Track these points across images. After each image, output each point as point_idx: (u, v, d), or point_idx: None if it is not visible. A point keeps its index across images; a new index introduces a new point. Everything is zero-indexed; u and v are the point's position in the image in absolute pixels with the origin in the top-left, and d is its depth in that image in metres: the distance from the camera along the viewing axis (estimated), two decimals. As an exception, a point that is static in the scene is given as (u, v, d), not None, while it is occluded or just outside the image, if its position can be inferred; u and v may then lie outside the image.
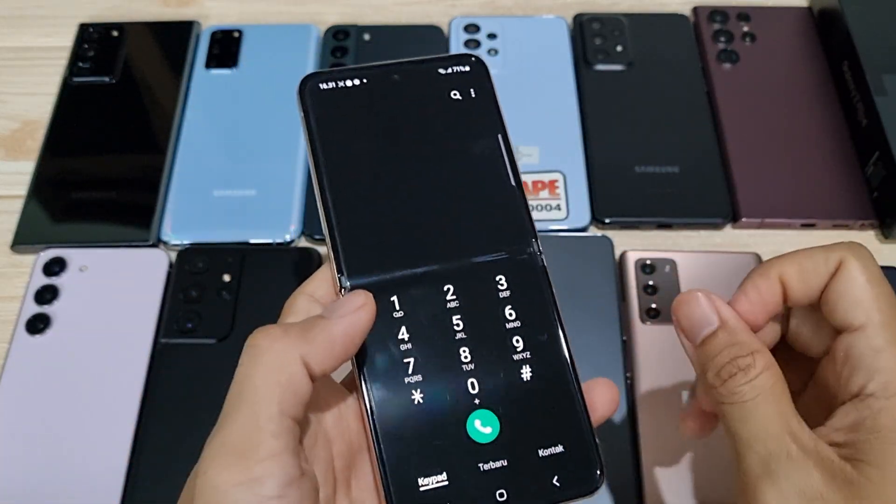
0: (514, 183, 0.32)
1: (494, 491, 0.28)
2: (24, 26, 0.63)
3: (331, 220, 0.31)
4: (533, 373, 0.30)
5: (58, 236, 0.52)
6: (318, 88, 0.32)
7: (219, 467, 0.25)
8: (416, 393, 0.29)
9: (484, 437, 0.29)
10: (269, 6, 0.64)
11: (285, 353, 0.26)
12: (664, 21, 0.62)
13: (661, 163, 0.54)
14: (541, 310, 0.31)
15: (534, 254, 0.32)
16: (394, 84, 0.33)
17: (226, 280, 0.49)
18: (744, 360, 0.29)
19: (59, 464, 0.43)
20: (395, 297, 0.30)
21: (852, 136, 0.55)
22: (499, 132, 0.33)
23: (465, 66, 0.34)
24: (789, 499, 0.27)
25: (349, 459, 0.30)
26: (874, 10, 0.58)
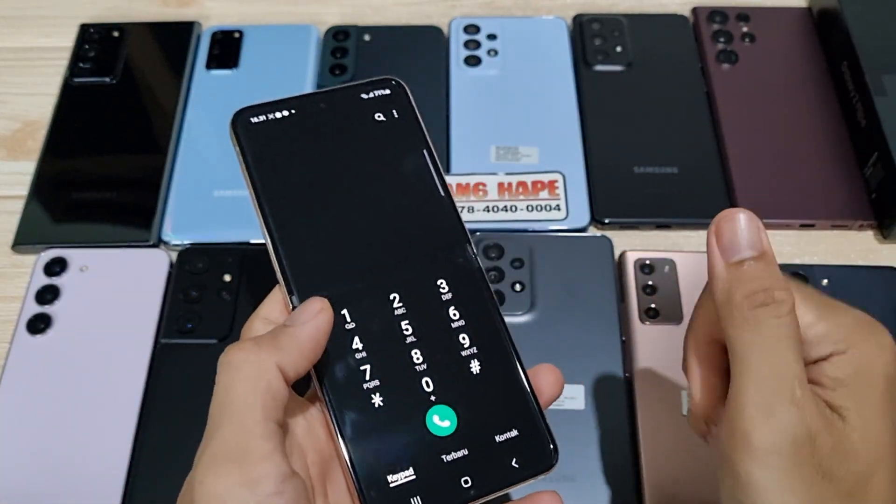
0: (444, 193, 0.34)
1: (459, 479, 0.30)
2: (25, 27, 0.63)
3: (276, 246, 0.32)
4: (481, 366, 0.32)
5: (58, 236, 0.52)
6: (249, 122, 0.34)
7: (217, 475, 0.26)
8: (375, 397, 0.31)
9: (443, 431, 0.31)
10: (269, 7, 0.64)
11: (261, 364, 0.28)
12: (664, 21, 0.62)
13: (661, 163, 0.54)
14: (482, 307, 0.33)
15: (469, 256, 0.34)
16: (321, 112, 0.35)
17: (226, 280, 0.49)
18: (780, 294, 0.28)
19: (59, 464, 0.44)
20: (345, 311, 0.32)
21: (851, 136, 0.55)
22: (423, 147, 0.35)
23: (385, 89, 0.36)
24: (782, 440, 0.27)
25: (322, 468, 0.31)
26: (874, 10, 0.58)
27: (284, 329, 0.30)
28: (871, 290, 0.49)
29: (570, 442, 0.44)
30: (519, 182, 0.53)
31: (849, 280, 0.49)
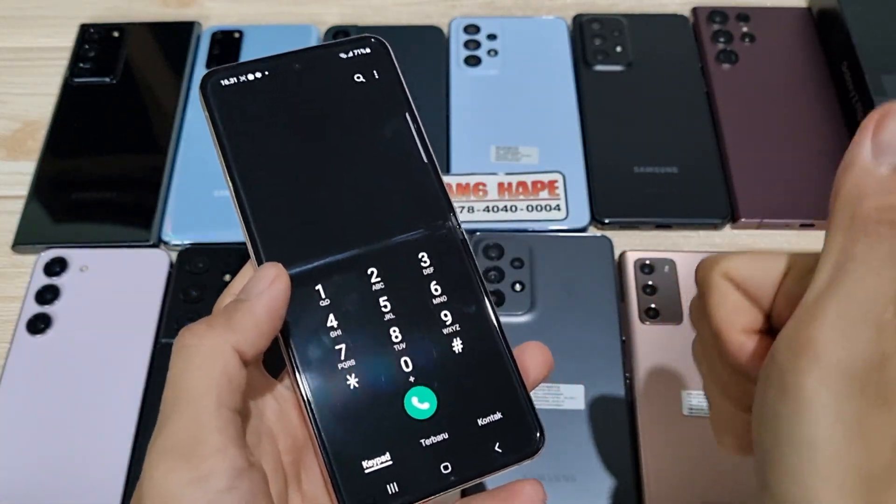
0: (427, 160, 0.32)
1: (439, 465, 0.29)
2: (25, 27, 0.63)
3: (246, 216, 0.31)
4: (464, 345, 0.30)
5: (59, 236, 0.52)
6: (219, 85, 0.32)
7: (165, 470, 0.25)
8: (350, 378, 0.29)
9: (422, 413, 0.29)
10: (269, 7, 0.64)
11: (215, 347, 0.26)
12: (663, 21, 0.62)
13: (661, 163, 0.54)
14: (465, 282, 0.31)
15: (452, 228, 0.32)
16: (296, 73, 0.32)
17: (226, 280, 0.49)
18: None
19: (59, 464, 0.44)
20: (319, 286, 0.30)
21: (851, 136, 0.55)
22: (406, 111, 0.33)
23: (365, 48, 0.33)
24: (853, 360, 0.24)
25: (296, 454, 0.30)
26: (874, 10, 0.58)
27: (238, 305, 0.28)
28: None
29: (569, 442, 0.44)
30: (519, 182, 0.53)
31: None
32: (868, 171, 0.26)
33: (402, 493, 0.28)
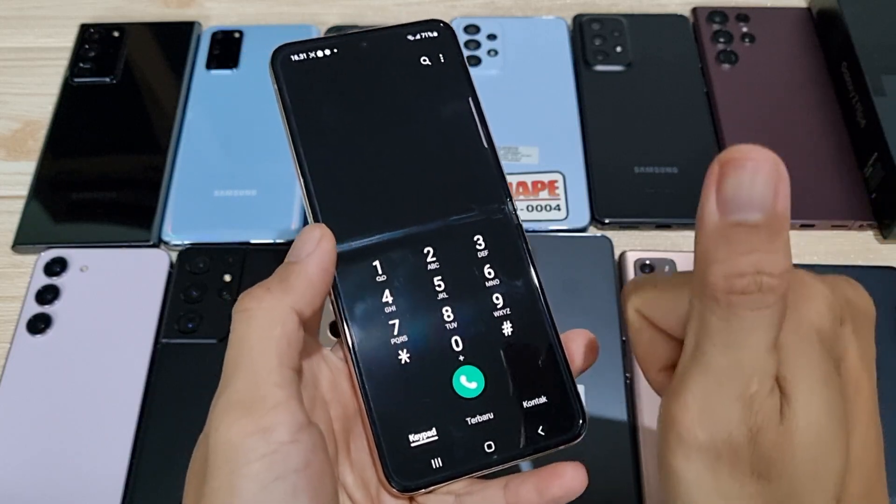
0: (487, 145, 0.33)
1: (482, 443, 0.30)
2: (25, 27, 0.63)
3: (309, 190, 0.31)
4: (514, 328, 0.31)
5: (59, 236, 0.52)
6: (289, 60, 0.33)
7: (230, 422, 0.26)
8: (402, 353, 0.30)
9: (470, 392, 0.30)
10: (269, 7, 0.64)
11: (275, 309, 0.27)
12: (663, 22, 0.62)
13: (661, 163, 0.54)
14: (518, 267, 0.32)
15: (509, 213, 0.32)
16: (363, 52, 0.33)
17: (227, 280, 0.49)
18: (769, 281, 0.22)
19: (59, 464, 0.44)
20: (377, 262, 0.31)
21: (851, 136, 0.55)
22: (469, 95, 0.34)
23: (433, 31, 0.35)
24: (716, 439, 0.23)
25: (346, 423, 0.31)
26: (873, 11, 0.58)
27: (290, 267, 0.29)
28: (870, 290, 0.49)
29: (570, 442, 0.44)
30: (519, 182, 0.53)
31: (849, 280, 0.49)
32: (715, 231, 0.23)
33: (445, 467, 0.29)
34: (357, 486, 0.30)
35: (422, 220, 0.31)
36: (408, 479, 0.29)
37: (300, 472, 0.26)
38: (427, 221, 0.31)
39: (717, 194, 0.23)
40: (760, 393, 0.23)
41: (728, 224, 0.23)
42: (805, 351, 0.24)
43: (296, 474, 0.25)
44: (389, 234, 0.31)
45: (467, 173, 0.32)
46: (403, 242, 0.31)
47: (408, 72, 0.33)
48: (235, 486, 0.25)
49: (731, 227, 0.23)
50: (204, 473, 0.26)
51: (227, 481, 0.25)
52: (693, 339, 0.24)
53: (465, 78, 0.34)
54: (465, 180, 0.32)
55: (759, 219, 0.22)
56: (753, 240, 0.22)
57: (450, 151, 0.32)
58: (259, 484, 0.25)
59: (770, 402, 0.23)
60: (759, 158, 0.23)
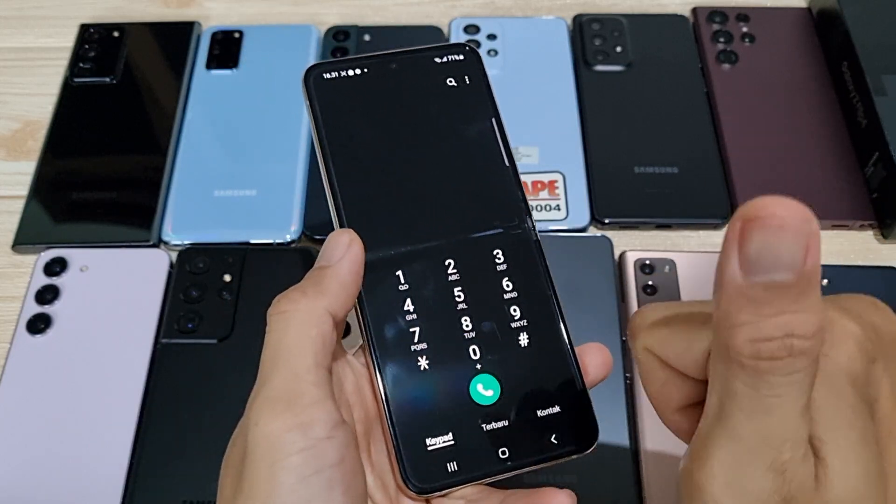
0: (508, 164, 0.34)
1: (497, 449, 0.31)
2: (26, 27, 0.63)
3: (338, 202, 0.32)
4: (530, 339, 0.32)
5: (59, 236, 0.52)
6: (321, 78, 0.34)
7: (269, 418, 0.26)
8: (421, 360, 0.31)
9: (486, 400, 0.31)
10: (269, 7, 0.64)
11: (311, 311, 0.28)
12: (663, 22, 0.62)
13: (661, 163, 0.54)
14: (536, 281, 0.33)
15: (528, 229, 0.33)
16: (393, 73, 0.35)
17: (226, 280, 0.49)
18: (801, 344, 0.20)
19: (59, 464, 0.44)
20: (400, 272, 0.32)
21: (851, 136, 0.55)
22: (492, 116, 0.35)
23: (459, 55, 0.36)
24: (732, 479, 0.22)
25: (367, 425, 0.31)
26: (873, 10, 0.58)
27: (323, 271, 0.30)
28: (871, 290, 0.48)
29: (570, 442, 0.44)
30: (519, 182, 0.53)
31: (849, 280, 0.49)
32: (739, 292, 0.21)
33: (460, 472, 0.30)
34: (377, 487, 0.30)
35: (444, 235, 0.33)
36: (424, 482, 0.30)
37: (335, 467, 0.27)
38: (449, 235, 0.33)
39: (740, 254, 0.21)
40: (793, 460, 0.22)
41: (753, 285, 0.20)
42: (840, 407, 0.22)
43: (331, 469, 0.26)
44: (413, 246, 0.32)
45: (489, 191, 0.34)
46: (426, 254, 0.32)
47: (434, 92, 0.35)
48: (275, 478, 0.26)
49: (756, 288, 0.20)
50: (241, 465, 0.27)
51: (266, 473, 0.26)
52: (716, 399, 0.23)
53: (489, 99, 0.35)
54: (486, 197, 0.34)
55: (788, 279, 0.20)
56: (782, 301, 0.20)
57: (472, 169, 0.34)
58: (298, 476, 0.26)
59: (804, 468, 0.22)
60: (785, 214, 0.20)
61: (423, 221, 0.33)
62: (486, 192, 0.34)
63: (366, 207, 0.32)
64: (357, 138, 0.33)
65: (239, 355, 0.47)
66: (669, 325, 0.26)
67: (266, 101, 0.57)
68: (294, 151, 0.55)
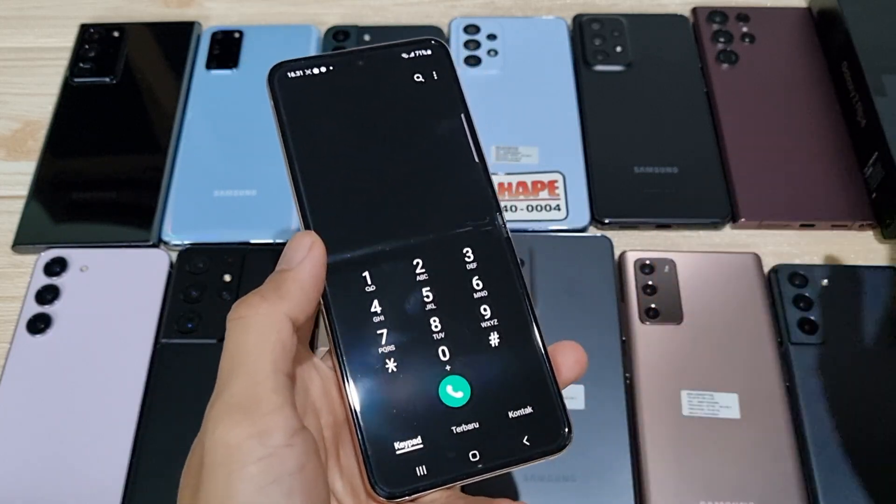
0: (478, 160, 0.34)
1: (467, 452, 0.30)
2: (26, 27, 0.63)
3: (302, 202, 0.32)
4: (501, 339, 0.31)
5: (59, 236, 0.52)
6: (286, 77, 0.34)
7: (227, 425, 0.26)
8: (389, 362, 0.31)
9: (456, 402, 0.31)
10: (269, 7, 0.64)
11: (270, 316, 0.28)
12: (663, 22, 0.62)
13: (661, 163, 0.54)
14: (506, 279, 0.32)
15: (498, 226, 0.33)
16: (359, 70, 0.34)
17: (226, 280, 0.49)
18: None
19: (59, 464, 0.44)
20: (366, 273, 0.31)
21: (851, 136, 0.55)
22: (461, 112, 0.34)
23: (426, 49, 0.35)
24: None
25: (336, 430, 0.31)
26: (874, 10, 0.58)
27: (284, 275, 0.29)
28: (871, 290, 0.49)
29: (570, 442, 0.44)
30: (519, 182, 0.53)
31: (849, 280, 0.49)
32: None
33: (429, 475, 0.30)
34: (346, 491, 0.30)
35: (412, 233, 0.32)
36: (392, 486, 0.29)
37: (295, 475, 0.26)
38: (418, 234, 0.32)
39: None
40: None
41: None
42: None
43: (291, 477, 0.26)
44: (380, 246, 0.32)
45: (458, 188, 0.33)
46: (393, 254, 0.32)
47: (402, 89, 0.34)
48: (232, 488, 0.25)
49: None
50: (199, 475, 0.26)
51: (223, 483, 0.25)
52: None
53: (458, 94, 0.34)
54: (455, 194, 0.33)
55: None
56: None
57: (441, 166, 0.33)
58: (256, 486, 0.25)
59: None
60: None
61: (391, 221, 0.32)
62: (456, 189, 0.33)
63: (331, 208, 0.32)
64: (323, 137, 0.33)
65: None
66: None
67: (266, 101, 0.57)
68: (294, 151, 0.55)
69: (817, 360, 0.46)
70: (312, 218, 0.32)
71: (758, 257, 0.50)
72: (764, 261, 0.50)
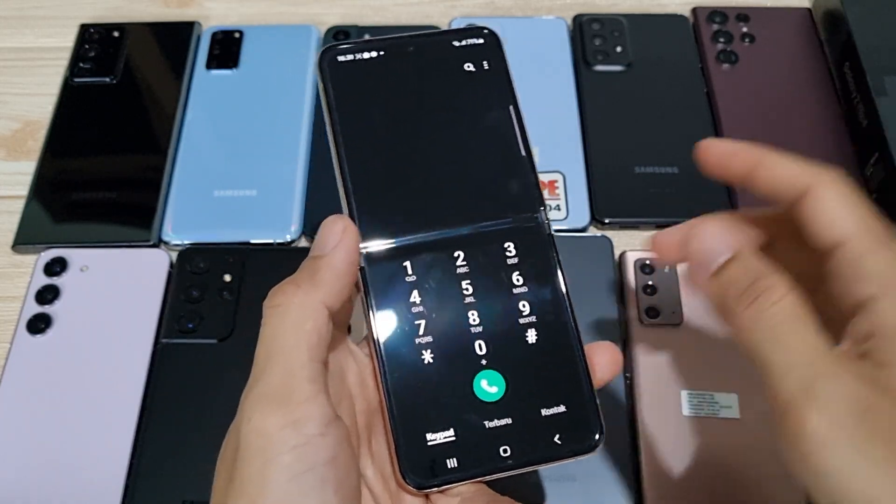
0: (525, 153, 0.34)
1: (498, 447, 0.30)
2: (25, 27, 0.63)
3: (347, 187, 0.32)
4: (538, 336, 0.31)
5: (59, 236, 0.52)
6: (336, 60, 0.33)
7: (263, 414, 0.26)
8: (425, 353, 0.31)
9: (490, 396, 0.30)
10: (269, 7, 0.64)
11: (305, 304, 0.28)
12: (663, 22, 0.62)
13: (661, 163, 0.54)
14: (546, 276, 0.32)
15: (541, 222, 0.33)
16: (409, 56, 0.34)
17: (227, 280, 0.49)
18: (765, 282, 0.27)
19: (59, 464, 0.44)
20: (407, 262, 0.31)
21: (852, 136, 0.55)
22: (510, 103, 0.34)
23: (478, 38, 0.35)
24: (841, 417, 0.25)
25: (370, 417, 0.31)
26: (876, 11, 0.58)
27: (317, 262, 0.29)
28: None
29: (570, 442, 0.44)
30: (519, 182, 0.53)
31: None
32: (711, 287, 0.29)
33: (460, 468, 0.30)
34: (377, 478, 0.30)
35: (455, 224, 0.32)
36: (422, 477, 0.29)
37: (328, 464, 0.26)
38: (460, 225, 0.32)
39: (695, 266, 0.30)
40: (837, 363, 0.26)
41: (713, 275, 0.30)
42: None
43: (324, 467, 0.26)
44: (422, 236, 0.32)
45: (503, 181, 0.33)
46: (435, 245, 0.32)
47: (452, 77, 0.34)
48: (266, 476, 0.26)
49: (715, 276, 0.29)
50: (234, 462, 0.26)
51: (258, 471, 0.26)
52: (759, 365, 0.27)
53: (508, 86, 0.34)
54: (500, 187, 0.33)
55: (729, 255, 0.30)
56: (735, 270, 0.29)
57: (488, 158, 0.33)
58: (289, 474, 0.26)
59: (857, 369, 0.26)
60: (703, 224, 0.32)
61: (434, 211, 0.32)
62: (501, 182, 0.33)
63: (376, 194, 0.32)
64: (370, 123, 0.33)
65: (239, 355, 0.46)
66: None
67: (266, 101, 0.57)
68: (294, 151, 0.55)
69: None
70: (357, 204, 0.32)
71: (758, 257, 0.50)
72: (764, 261, 0.50)
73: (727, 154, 0.33)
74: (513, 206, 0.33)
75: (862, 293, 0.27)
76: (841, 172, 0.30)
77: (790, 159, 0.32)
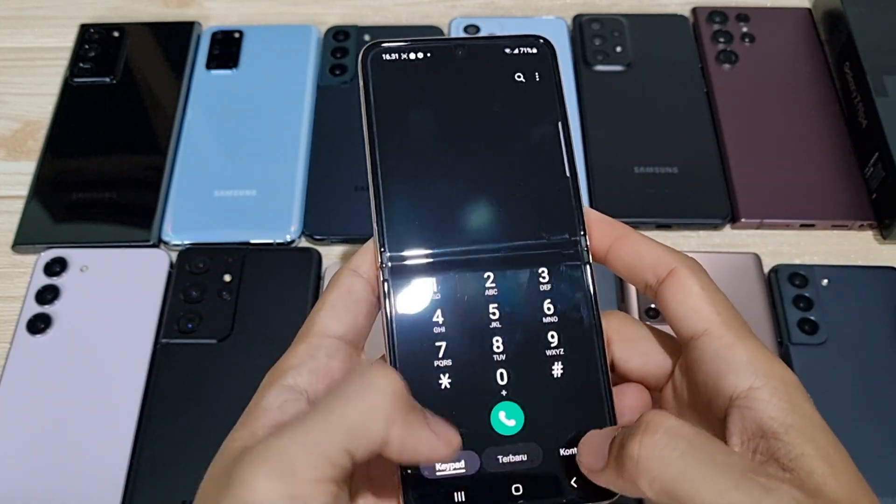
0: (569, 174, 0.31)
1: (511, 485, 0.28)
2: (25, 27, 0.63)
3: (379, 193, 0.30)
4: (564, 370, 0.29)
5: (59, 236, 0.52)
6: (380, 58, 0.32)
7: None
8: (443, 377, 0.29)
9: (507, 430, 0.29)
10: (269, 7, 0.64)
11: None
12: (663, 22, 0.62)
13: (660, 163, 0.54)
14: (580, 307, 0.30)
15: (580, 249, 0.31)
16: (458, 61, 0.32)
17: (226, 280, 0.49)
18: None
19: (59, 464, 0.44)
20: (434, 279, 0.29)
21: (852, 136, 0.55)
22: (559, 119, 0.32)
23: (532, 48, 0.33)
24: None
25: None
26: (876, 11, 0.58)
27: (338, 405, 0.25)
28: (871, 290, 0.49)
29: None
30: (519, 182, 0.53)
31: (849, 280, 0.49)
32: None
33: (468, 503, 0.28)
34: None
35: (488, 243, 0.30)
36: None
37: None
38: (494, 245, 0.30)
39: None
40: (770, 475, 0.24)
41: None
42: (811, 425, 0.26)
43: None
44: (452, 253, 0.30)
45: (544, 201, 0.31)
46: (465, 263, 0.30)
47: (500, 86, 0.32)
48: None
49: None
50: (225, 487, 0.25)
51: None
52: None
53: (559, 101, 0.32)
54: (540, 208, 0.31)
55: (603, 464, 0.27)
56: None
57: (530, 175, 0.31)
58: None
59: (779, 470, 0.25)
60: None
61: (468, 226, 0.30)
62: (540, 203, 0.31)
63: (409, 203, 0.30)
64: (410, 126, 0.31)
65: (239, 355, 0.47)
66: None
67: (266, 101, 0.57)
68: (294, 151, 0.55)
69: (817, 360, 0.46)
70: (387, 212, 0.30)
71: (758, 257, 0.50)
72: (764, 261, 0.50)
73: (593, 222, 0.31)
74: (551, 230, 0.30)
75: (738, 384, 0.27)
76: (695, 260, 0.30)
77: (652, 240, 0.30)
